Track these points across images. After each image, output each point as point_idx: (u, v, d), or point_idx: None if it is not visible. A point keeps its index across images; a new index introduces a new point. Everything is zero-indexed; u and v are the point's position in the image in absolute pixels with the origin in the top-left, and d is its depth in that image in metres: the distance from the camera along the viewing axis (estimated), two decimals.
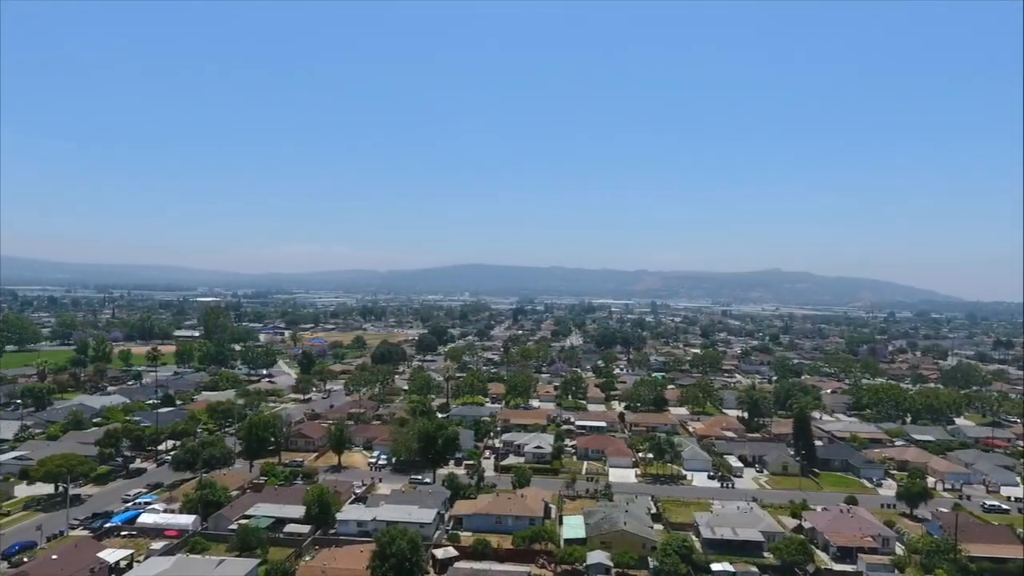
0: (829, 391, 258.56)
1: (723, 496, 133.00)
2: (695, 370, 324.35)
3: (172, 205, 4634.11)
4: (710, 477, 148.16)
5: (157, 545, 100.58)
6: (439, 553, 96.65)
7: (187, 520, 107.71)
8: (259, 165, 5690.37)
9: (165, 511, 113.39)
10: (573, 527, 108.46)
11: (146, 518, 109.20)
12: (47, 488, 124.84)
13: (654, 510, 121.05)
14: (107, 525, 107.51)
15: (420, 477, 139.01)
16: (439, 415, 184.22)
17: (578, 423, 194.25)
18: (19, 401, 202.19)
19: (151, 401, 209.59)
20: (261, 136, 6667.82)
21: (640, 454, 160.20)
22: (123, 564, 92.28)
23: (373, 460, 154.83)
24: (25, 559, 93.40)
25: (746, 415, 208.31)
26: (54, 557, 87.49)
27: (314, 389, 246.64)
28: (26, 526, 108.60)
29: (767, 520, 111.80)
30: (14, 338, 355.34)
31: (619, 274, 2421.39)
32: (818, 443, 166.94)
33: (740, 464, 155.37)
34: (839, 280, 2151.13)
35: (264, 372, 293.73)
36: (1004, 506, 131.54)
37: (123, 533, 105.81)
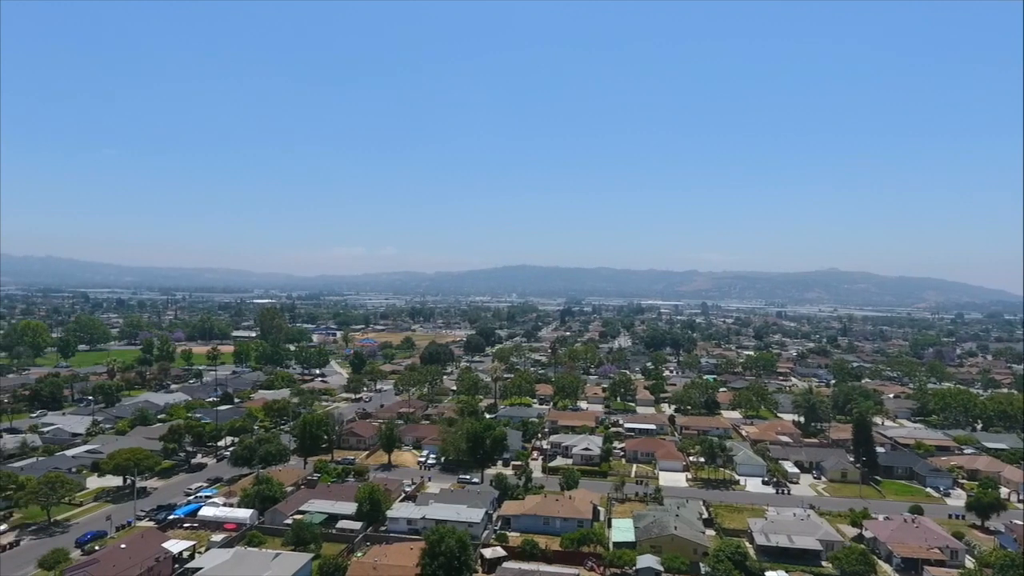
0: (892, 396, 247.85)
1: (778, 502, 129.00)
2: (748, 373, 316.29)
3: (229, 211, 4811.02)
4: (764, 483, 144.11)
5: (217, 537, 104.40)
6: (487, 553, 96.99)
7: (245, 514, 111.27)
8: (311, 171, 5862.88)
9: (224, 505, 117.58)
10: (622, 530, 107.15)
11: (207, 511, 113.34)
12: (116, 480, 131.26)
13: (706, 515, 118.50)
14: (171, 517, 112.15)
15: (468, 477, 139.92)
16: (487, 415, 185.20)
17: (627, 425, 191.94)
18: (91, 398, 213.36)
19: (211, 399, 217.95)
20: (313, 142, 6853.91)
21: (691, 458, 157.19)
22: (186, 555, 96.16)
23: (422, 459, 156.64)
24: (96, 547, 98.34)
25: (802, 420, 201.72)
26: (123, 546, 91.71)
27: (365, 389, 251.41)
28: (97, 516, 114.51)
29: (825, 528, 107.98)
30: (86, 338, 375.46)
31: (668, 275, 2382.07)
32: (880, 450, 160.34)
33: (796, 470, 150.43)
34: (902, 280, 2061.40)
35: (317, 372, 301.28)
36: None
37: (186, 525, 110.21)
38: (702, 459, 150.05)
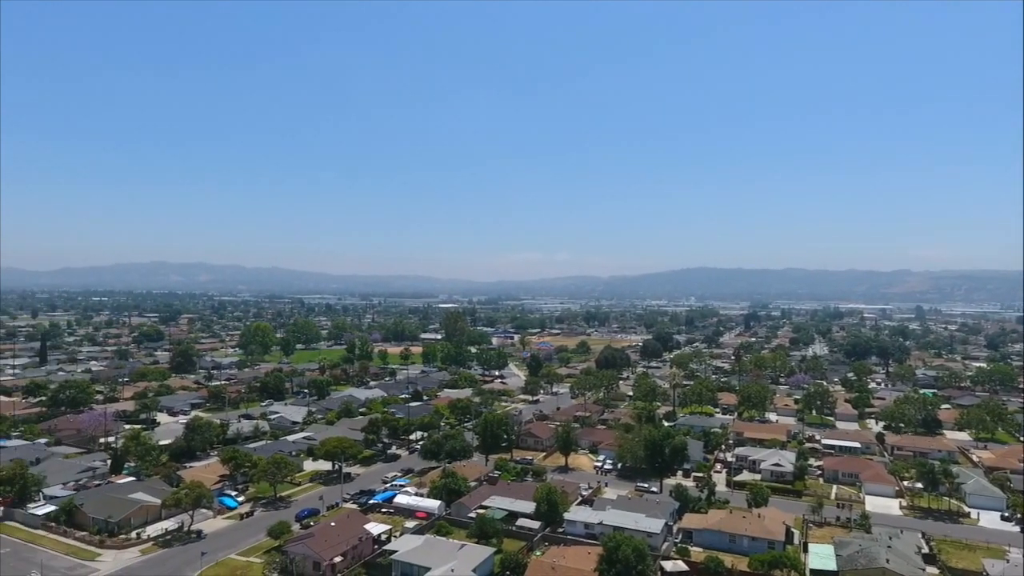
0: None
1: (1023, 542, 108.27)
2: (979, 388, 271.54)
3: (417, 222, 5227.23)
4: (1004, 518, 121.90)
5: (410, 524, 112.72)
6: (668, 566, 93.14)
7: (433, 504, 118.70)
8: (489, 182, 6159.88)
9: (416, 494, 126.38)
10: (821, 557, 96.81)
11: (400, 499, 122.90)
12: (326, 465, 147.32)
13: (925, 549, 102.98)
14: (371, 502, 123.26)
15: (646, 485, 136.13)
16: (665, 423, 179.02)
17: (825, 442, 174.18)
18: (306, 391, 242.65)
19: (403, 396, 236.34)
20: (491, 156, 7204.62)
21: (905, 482, 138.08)
22: (383, 537, 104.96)
23: (599, 464, 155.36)
24: (311, 523, 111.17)
25: None
26: (332, 524, 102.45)
27: (541, 391, 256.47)
28: (311, 496, 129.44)
29: None
30: (302, 338, 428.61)
31: (872, 275, 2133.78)
32: None
33: None
34: None
35: (496, 373, 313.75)
36: None
37: (383, 510, 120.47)
38: (919, 485, 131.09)
